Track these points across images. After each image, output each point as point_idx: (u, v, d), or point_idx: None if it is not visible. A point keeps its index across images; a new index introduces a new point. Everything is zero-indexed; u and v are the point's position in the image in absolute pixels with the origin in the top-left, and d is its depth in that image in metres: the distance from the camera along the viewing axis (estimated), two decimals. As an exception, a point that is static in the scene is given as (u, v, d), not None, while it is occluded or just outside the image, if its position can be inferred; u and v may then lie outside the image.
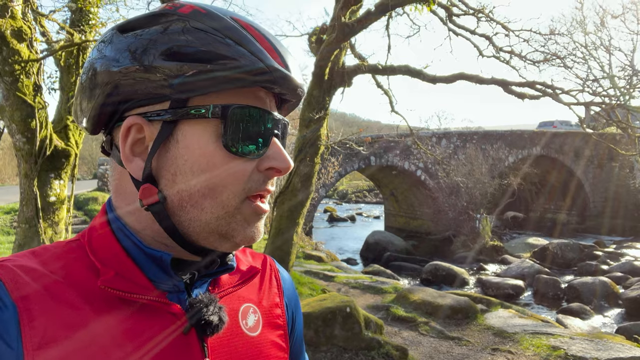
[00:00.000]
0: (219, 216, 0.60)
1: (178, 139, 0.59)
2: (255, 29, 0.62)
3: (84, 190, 20.79)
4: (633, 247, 17.36)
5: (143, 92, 0.59)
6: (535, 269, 12.21)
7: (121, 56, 0.59)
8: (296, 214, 6.66)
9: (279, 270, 0.82)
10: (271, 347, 0.71)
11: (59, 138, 6.20)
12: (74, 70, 6.63)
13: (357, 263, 15.37)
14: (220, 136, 0.59)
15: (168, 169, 0.60)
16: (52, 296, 0.55)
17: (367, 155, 17.89)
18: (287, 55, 0.62)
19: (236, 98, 0.60)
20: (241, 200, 0.60)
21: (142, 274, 0.61)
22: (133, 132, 0.61)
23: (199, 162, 0.59)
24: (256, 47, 0.59)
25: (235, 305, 0.69)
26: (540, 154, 22.45)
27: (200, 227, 0.60)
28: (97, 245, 0.62)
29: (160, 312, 0.60)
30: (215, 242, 0.62)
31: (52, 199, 6.00)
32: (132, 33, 0.60)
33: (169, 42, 0.58)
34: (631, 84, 11.67)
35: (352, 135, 9.37)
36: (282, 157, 0.62)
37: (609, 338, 5.37)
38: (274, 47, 0.61)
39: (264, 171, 0.62)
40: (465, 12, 8.59)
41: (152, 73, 0.58)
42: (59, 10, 6.22)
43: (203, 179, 0.59)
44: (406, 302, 6.51)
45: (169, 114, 0.59)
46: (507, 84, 8.11)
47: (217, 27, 0.59)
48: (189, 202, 0.60)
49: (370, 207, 35.00)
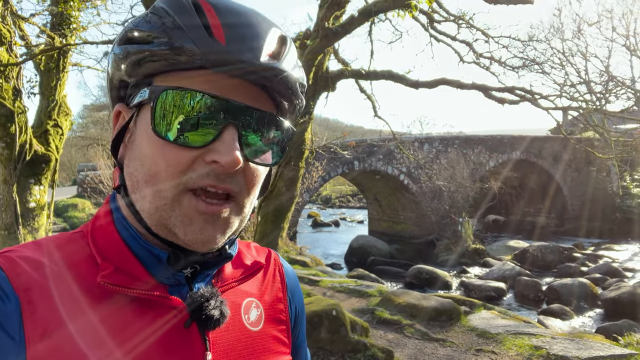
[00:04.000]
0: (158, 207, 0.57)
1: (137, 124, 0.60)
2: (213, 6, 0.57)
3: (63, 196, 20.41)
4: (611, 249, 17.74)
5: (122, 79, 0.61)
6: (516, 271, 12.39)
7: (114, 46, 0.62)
8: (280, 218, 6.66)
9: (283, 265, 0.81)
10: (273, 342, 0.70)
11: (39, 143, 6.10)
12: (54, 74, 6.54)
13: (342, 267, 15.37)
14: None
15: (129, 155, 0.61)
16: (54, 288, 0.55)
17: (350, 159, 17.97)
18: (247, 30, 0.57)
19: (182, 80, 0.56)
20: (178, 191, 0.56)
21: (142, 267, 0.60)
22: (120, 118, 0.64)
23: (142, 147, 0.58)
24: (193, 22, 0.55)
25: (237, 300, 0.68)
26: (520, 159, 22.83)
27: (147, 218, 0.59)
28: (98, 236, 0.62)
29: (161, 306, 0.59)
30: (168, 235, 0.59)
31: (32, 205, 5.89)
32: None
33: (126, 28, 0.59)
34: (607, 89, 11.99)
35: (337, 139, 9.43)
36: (226, 150, 0.55)
37: (589, 337, 5.47)
38: (225, 22, 0.56)
39: (210, 164, 0.56)
40: (446, 19, 8.74)
41: (116, 60, 0.60)
42: (39, 14, 6.14)
43: (145, 166, 0.57)
44: (391, 305, 6.55)
45: (132, 99, 0.60)
46: (488, 89, 8.26)
47: (167, 7, 0.57)
48: (137, 190, 0.59)
49: (354, 211, 35.06)
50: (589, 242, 19.43)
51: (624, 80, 17.96)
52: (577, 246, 17.51)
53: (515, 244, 16.65)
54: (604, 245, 18.59)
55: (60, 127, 6.67)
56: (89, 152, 28.91)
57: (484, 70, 9.55)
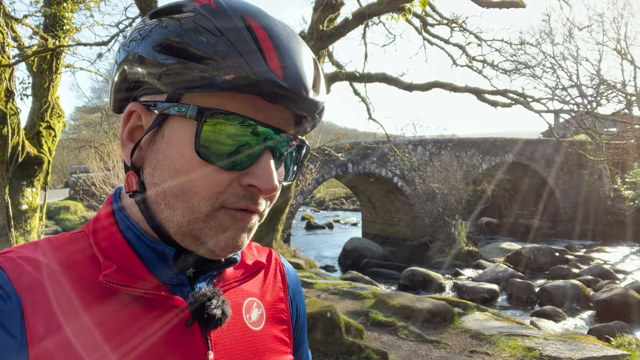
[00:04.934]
0: (190, 220, 0.58)
1: (164, 134, 0.58)
2: (264, 28, 0.57)
3: (55, 199, 20.26)
4: (602, 250, 17.87)
5: (143, 80, 0.59)
6: (509, 273, 12.45)
7: (134, 41, 0.60)
8: (275, 221, 6.66)
9: (284, 265, 0.81)
10: (274, 342, 0.70)
11: (32, 145, 6.06)
12: (47, 76, 6.51)
13: (336, 270, 15.38)
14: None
15: (150, 162, 0.60)
16: (56, 287, 0.55)
17: (344, 162, 18.00)
18: (297, 63, 0.57)
19: (227, 103, 0.56)
20: (214, 209, 0.57)
21: (144, 267, 0.60)
22: (133, 118, 0.62)
23: (176, 162, 0.57)
24: (251, 49, 0.55)
25: (239, 299, 0.68)
26: (513, 161, 22.95)
27: (174, 228, 0.59)
28: (100, 237, 0.62)
29: (163, 305, 0.59)
30: (192, 245, 0.60)
31: (24, 207, 5.85)
32: (153, 19, 0.60)
33: (166, 35, 0.56)
34: (598, 92, 12.10)
35: (331, 141, 9.44)
36: (265, 177, 0.57)
37: (582, 339, 5.51)
38: (279, 50, 0.56)
39: (246, 187, 0.58)
40: (439, 22, 8.79)
41: (146, 63, 0.57)
42: (32, 15, 6.11)
43: (177, 180, 0.57)
44: (385, 307, 6.56)
45: (160, 106, 0.58)
46: (481, 92, 8.30)
47: (218, 25, 0.55)
48: (163, 200, 0.59)
49: (347, 214, 35.08)
50: (581, 244, 19.57)
51: (615, 84, 18.12)
52: (569, 248, 17.63)
53: (508, 246, 16.74)
54: (596, 247, 18.72)
55: (53, 129, 6.63)
56: (81, 154, 28.75)
57: (476, 73, 9.61)
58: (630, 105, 15.45)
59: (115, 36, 6.71)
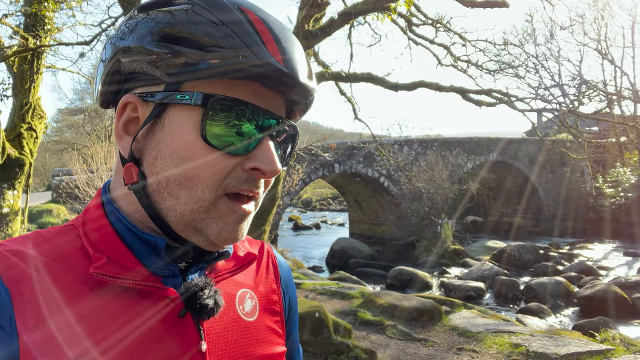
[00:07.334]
0: (193, 209, 0.58)
1: (164, 123, 0.59)
2: (262, 21, 0.59)
3: (37, 202, 19.92)
4: (585, 247, 18.18)
5: (140, 72, 0.59)
6: (495, 271, 12.58)
7: (126, 34, 0.60)
8: (262, 221, 6.63)
9: (276, 257, 0.82)
10: (268, 332, 0.70)
11: (13, 146, 5.95)
12: (28, 77, 6.39)
13: (323, 270, 15.38)
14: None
15: (151, 152, 0.60)
16: (45, 279, 0.55)
17: (331, 162, 18.02)
18: (294, 52, 0.60)
19: (228, 90, 0.58)
20: (217, 195, 0.59)
21: (134, 258, 0.60)
22: (128, 110, 0.62)
23: (179, 150, 0.58)
24: (253, 38, 0.57)
25: (232, 290, 0.69)
26: (497, 160, 23.24)
27: (176, 218, 0.59)
28: (89, 228, 0.62)
29: (155, 296, 0.59)
30: (192, 236, 0.61)
31: (5, 210, 5.74)
32: (144, 12, 0.60)
33: (167, 26, 0.57)
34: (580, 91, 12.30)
35: (317, 141, 9.43)
36: (268, 159, 0.59)
37: (567, 334, 5.59)
38: (277, 41, 0.58)
39: (249, 171, 0.60)
40: (424, 22, 8.85)
41: (146, 54, 0.58)
42: (12, 15, 5.99)
43: (181, 168, 0.58)
44: (373, 306, 6.57)
45: (159, 96, 0.59)
46: (466, 92, 8.38)
47: (218, 15, 0.57)
48: (165, 189, 0.59)
49: (334, 214, 35.15)
50: (564, 242, 19.87)
51: (596, 84, 18.47)
52: (553, 245, 17.88)
53: (493, 244, 16.92)
54: (579, 244, 19.03)
55: (35, 131, 6.52)
56: (63, 156, 28.30)
57: (461, 73, 9.70)
58: (611, 105, 15.74)
59: (97, 35, 6.61)
